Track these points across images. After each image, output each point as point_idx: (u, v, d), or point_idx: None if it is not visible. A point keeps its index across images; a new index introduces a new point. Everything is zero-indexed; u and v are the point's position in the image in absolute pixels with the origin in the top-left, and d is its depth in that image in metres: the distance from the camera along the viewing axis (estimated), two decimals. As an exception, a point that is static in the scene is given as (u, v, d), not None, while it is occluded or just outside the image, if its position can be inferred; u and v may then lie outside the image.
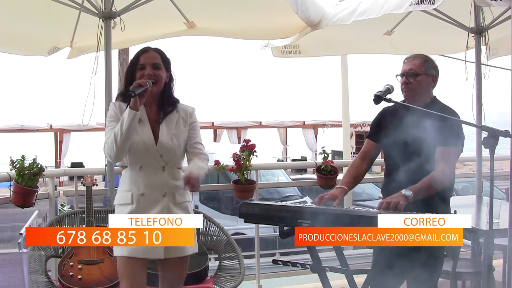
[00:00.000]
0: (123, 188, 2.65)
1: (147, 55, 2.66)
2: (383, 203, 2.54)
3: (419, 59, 2.87)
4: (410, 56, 2.92)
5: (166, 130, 2.65)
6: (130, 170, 2.64)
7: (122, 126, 2.49)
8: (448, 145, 2.72)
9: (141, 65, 2.63)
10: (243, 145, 4.58)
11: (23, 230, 3.05)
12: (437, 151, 2.72)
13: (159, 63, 2.65)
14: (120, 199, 2.65)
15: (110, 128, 2.56)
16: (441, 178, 2.69)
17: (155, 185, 2.61)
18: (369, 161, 3.01)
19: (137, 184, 2.61)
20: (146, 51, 2.68)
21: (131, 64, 2.70)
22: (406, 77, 2.84)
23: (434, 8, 3.37)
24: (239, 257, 3.91)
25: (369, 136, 3.04)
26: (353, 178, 2.93)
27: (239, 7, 4.34)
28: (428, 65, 2.87)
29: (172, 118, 2.69)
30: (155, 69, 2.63)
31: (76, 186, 4.32)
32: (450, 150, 2.73)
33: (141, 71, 2.61)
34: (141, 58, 2.65)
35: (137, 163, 2.62)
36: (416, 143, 2.76)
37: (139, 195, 2.59)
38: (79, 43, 4.67)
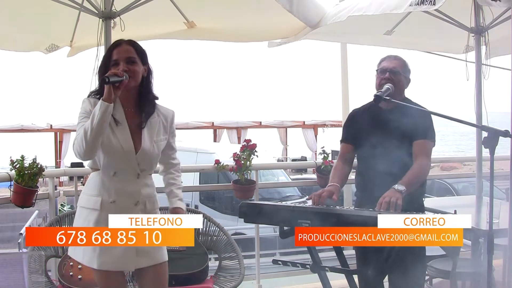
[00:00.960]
0: (92, 192, 2.47)
1: (120, 49, 2.47)
2: (382, 203, 2.55)
3: (400, 61, 2.94)
4: (390, 56, 2.97)
5: (148, 137, 2.49)
6: (102, 174, 2.47)
7: (93, 121, 2.29)
8: (425, 138, 2.82)
9: (114, 60, 2.45)
10: (243, 145, 4.58)
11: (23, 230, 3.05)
12: (414, 144, 2.81)
13: (133, 56, 2.46)
14: (86, 202, 2.48)
15: (82, 125, 2.36)
16: (425, 169, 2.81)
17: (128, 193, 2.47)
18: (350, 162, 3.06)
19: (108, 190, 2.45)
20: (119, 44, 2.49)
21: (104, 61, 2.51)
22: (389, 73, 2.87)
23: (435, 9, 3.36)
24: (239, 257, 3.91)
25: (343, 140, 3.08)
26: (341, 179, 2.95)
27: (238, 7, 4.34)
28: (406, 68, 2.95)
29: (154, 123, 2.53)
30: (129, 64, 2.44)
31: (76, 186, 4.32)
32: (427, 143, 2.83)
33: (115, 68, 2.41)
34: (114, 53, 2.46)
35: (112, 168, 2.45)
36: (391, 139, 2.82)
37: (109, 202, 2.43)
38: (78, 43, 4.68)
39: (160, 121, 2.56)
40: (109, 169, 2.45)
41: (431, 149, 2.86)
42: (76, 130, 2.41)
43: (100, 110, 2.29)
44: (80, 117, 2.43)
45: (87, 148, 2.32)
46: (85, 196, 2.51)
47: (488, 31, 4.46)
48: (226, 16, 4.52)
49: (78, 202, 2.58)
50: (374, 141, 2.87)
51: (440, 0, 3.16)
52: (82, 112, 2.44)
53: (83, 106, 2.46)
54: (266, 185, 7.58)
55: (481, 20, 4.45)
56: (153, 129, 2.52)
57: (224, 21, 4.62)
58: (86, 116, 2.40)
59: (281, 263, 2.94)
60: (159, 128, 2.55)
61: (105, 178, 2.46)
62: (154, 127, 2.53)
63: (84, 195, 2.52)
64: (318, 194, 2.73)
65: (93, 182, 2.50)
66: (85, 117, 2.40)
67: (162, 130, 2.57)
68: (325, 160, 4.79)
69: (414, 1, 3.32)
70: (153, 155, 2.51)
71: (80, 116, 2.43)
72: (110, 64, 2.45)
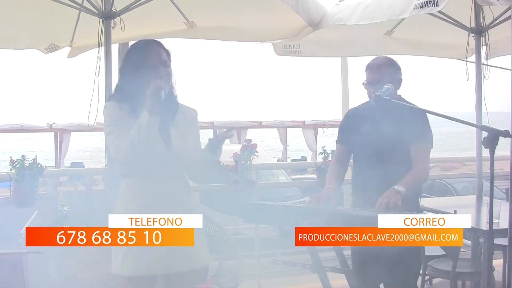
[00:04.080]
0: (129, 201, 2.39)
1: (154, 52, 2.38)
2: (381, 203, 2.55)
3: (384, 67, 2.85)
4: (373, 64, 2.90)
5: (178, 136, 2.42)
6: (136, 180, 2.38)
7: (140, 133, 2.22)
8: (422, 143, 2.82)
9: (152, 64, 2.35)
10: (244, 145, 4.58)
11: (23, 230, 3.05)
12: (412, 149, 2.80)
13: (166, 60, 2.41)
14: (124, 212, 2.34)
15: (113, 133, 2.31)
16: (425, 172, 2.83)
17: (166, 195, 2.38)
18: (345, 164, 3.07)
19: (145, 196, 2.36)
20: (151, 46, 2.41)
21: (134, 61, 2.39)
22: (374, 86, 2.82)
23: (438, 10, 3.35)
24: (239, 257, 3.91)
25: (338, 141, 3.08)
26: (336, 181, 2.97)
27: (239, 6, 4.34)
28: (392, 70, 2.88)
29: (179, 121, 2.46)
30: (165, 68, 2.38)
31: (76, 186, 4.32)
32: (424, 148, 2.84)
33: (153, 71, 2.33)
34: (149, 56, 2.37)
35: (146, 171, 2.35)
36: (387, 140, 2.81)
37: (146, 207, 2.32)
38: (79, 43, 4.67)
39: (185, 119, 2.50)
40: (144, 173, 2.36)
41: (429, 153, 2.88)
42: (109, 137, 2.33)
43: (149, 123, 2.23)
44: (108, 125, 2.35)
45: (136, 160, 2.27)
46: (122, 206, 2.40)
47: (488, 31, 4.46)
48: (226, 15, 4.52)
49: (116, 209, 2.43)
50: (370, 142, 2.86)
51: (443, 1, 3.15)
52: (109, 119, 2.36)
53: (107, 112, 2.38)
54: (266, 185, 7.58)
55: (481, 20, 4.45)
56: (179, 127, 2.45)
57: (224, 21, 4.61)
58: (114, 123, 2.34)
59: (281, 263, 2.95)
60: (185, 126, 2.48)
61: (139, 184, 2.38)
62: (180, 125, 2.46)
63: (122, 205, 2.41)
64: (318, 196, 2.74)
65: (128, 190, 2.40)
66: (113, 125, 2.34)
67: (188, 127, 2.50)
68: (325, 160, 4.79)
69: (418, 4, 3.30)
70: (184, 153, 2.42)
71: (108, 123, 2.35)
72: (144, 66, 2.35)
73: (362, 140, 2.91)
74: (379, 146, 2.83)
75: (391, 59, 2.95)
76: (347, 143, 3.04)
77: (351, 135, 3.00)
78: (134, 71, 2.37)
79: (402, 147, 2.80)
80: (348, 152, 3.05)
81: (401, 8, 3.51)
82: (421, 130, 2.82)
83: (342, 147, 3.05)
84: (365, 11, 3.80)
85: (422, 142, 2.82)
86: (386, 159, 2.79)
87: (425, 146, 2.84)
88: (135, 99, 2.34)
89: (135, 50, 2.44)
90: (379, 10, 3.69)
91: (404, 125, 2.78)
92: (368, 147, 2.87)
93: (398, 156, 2.78)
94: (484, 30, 4.47)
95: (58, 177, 10.65)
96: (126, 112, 2.36)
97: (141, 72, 2.35)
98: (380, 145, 2.82)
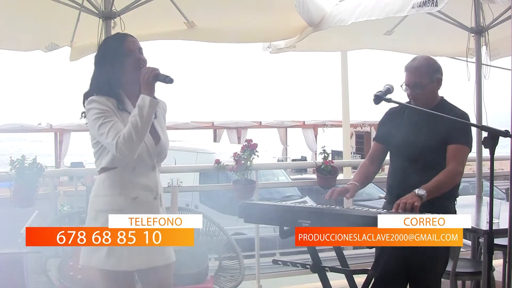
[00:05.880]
0: (111, 191, 2.39)
1: (131, 39, 2.46)
2: (399, 204, 2.53)
3: (422, 67, 2.82)
4: (412, 64, 2.87)
5: (160, 128, 2.51)
6: (121, 172, 2.40)
7: (143, 117, 2.27)
8: (459, 143, 2.76)
9: (129, 50, 2.41)
10: (244, 145, 4.58)
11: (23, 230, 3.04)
12: (448, 149, 2.75)
13: (141, 47, 2.49)
14: (105, 204, 2.38)
15: (105, 124, 2.31)
16: (453, 176, 2.73)
17: (148, 187, 2.44)
18: (378, 163, 3.02)
19: (129, 187, 2.39)
20: (127, 36, 2.49)
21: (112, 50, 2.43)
22: (411, 90, 2.82)
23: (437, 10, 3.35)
24: (239, 257, 3.91)
25: (376, 138, 3.05)
26: (363, 178, 2.94)
27: (239, 7, 4.34)
28: (431, 70, 2.84)
29: (159, 114, 2.53)
30: (142, 55, 2.46)
31: (76, 186, 4.32)
32: (461, 148, 2.76)
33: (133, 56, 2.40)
34: (126, 43, 2.43)
35: (131, 163, 2.38)
36: (424, 142, 2.78)
37: (132, 199, 2.39)
38: (79, 43, 4.67)
39: (160, 110, 2.56)
40: (129, 165, 2.38)
41: (465, 155, 2.79)
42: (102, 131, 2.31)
43: (151, 106, 2.29)
44: (98, 117, 2.33)
45: (137, 145, 2.30)
46: (102, 198, 2.41)
47: (488, 31, 4.46)
48: (226, 16, 4.51)
49: (91, 206, 2.45)
50: (406, 142, 2.83)
51: (442, 1, 3.14)
52: (98, 112, 2.35)
53: (95, 106, 2.36)
54: (266, 185, 7.57)
55: (481, 20, 4.45)
56: (160, 119, 2.53)
57: (224, 21, 4.61)
58: (104, 114, 2.33)
59: (281, 263, 2.95)
60: (162, 118, 2.57)
61: (125, 175, 2.39)
62: (159, 117, 2.53)
63: (100, 198, 2.42)
64: (333, 189, 2.74)
65: (111, 182, 2.41)
66: (104, 116, 2.33)
67: (163, 119, 2.57)
68: (325, 160, 4.78)
69: (416, 3, 3.30)
70: (167, 145, 2.53)
71: (97, 115, 2.34)
72: (124, 54, 2.40)
73: (398, 140, 2.87)
74: (414, 147, 2.80)
75: (430, 59, 2.90)
76: (382, 142, 2.99)
77: (386, 134, 2.97)
78: (113, 57, 2.41)
79: (439, 149, 2.76)
80: (382, 151, 3.00)
81: (399, 6, 3.51)
82: (460, 130, 2.75)
83: (376, 145, 3.02)
84: (364, 10, 3.81)
85: (457, 142, 2.75)
86: (421, 161, 2.76)
87: (461, 147, 2.76)
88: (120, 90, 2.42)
89: (115, 39, 2.52)
90: (377, 8, 3.69)
91: (443, 126, 2.74)
92: (403, 148, 2.84)
93: (434, 158, 2.75)
94: (484, 30, 4.47)
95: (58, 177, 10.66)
96: (113, 104, 2.39)
97: (117, 60, 2.40)
98: (416, 146, 2.79)
